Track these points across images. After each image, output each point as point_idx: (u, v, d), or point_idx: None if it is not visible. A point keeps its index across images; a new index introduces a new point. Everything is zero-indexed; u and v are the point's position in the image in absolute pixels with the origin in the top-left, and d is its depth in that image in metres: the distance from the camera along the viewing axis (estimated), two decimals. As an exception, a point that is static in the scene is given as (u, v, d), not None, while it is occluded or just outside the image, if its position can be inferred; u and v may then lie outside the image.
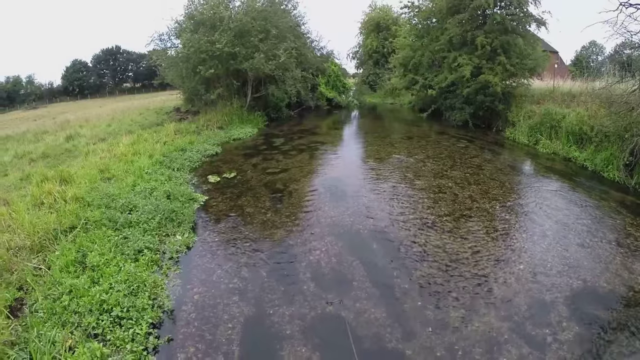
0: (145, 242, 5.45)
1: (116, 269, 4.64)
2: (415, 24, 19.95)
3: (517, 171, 9.83)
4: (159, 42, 19.40)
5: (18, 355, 3.28)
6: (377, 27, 33.90)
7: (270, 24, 16.91)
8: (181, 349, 3.65)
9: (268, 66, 16.46)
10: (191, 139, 13.23)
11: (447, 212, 6.79)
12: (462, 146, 12.37)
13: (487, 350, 3.52)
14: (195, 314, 4.16)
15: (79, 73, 64.35)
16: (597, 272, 4.86)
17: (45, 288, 4.25)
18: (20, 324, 3.70)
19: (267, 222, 6.66)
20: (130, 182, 7.94)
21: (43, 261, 4.86)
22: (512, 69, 14.85)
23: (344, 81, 28.37)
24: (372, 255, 5.43)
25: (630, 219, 6.43)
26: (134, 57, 68.59)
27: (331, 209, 7.17)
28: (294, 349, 3.61)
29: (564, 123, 11.22)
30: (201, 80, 17.19)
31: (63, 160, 11.05)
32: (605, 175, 8.83)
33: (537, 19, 15.24)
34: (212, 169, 10.34)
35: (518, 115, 14.05)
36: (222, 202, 7.72)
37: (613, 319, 4.00)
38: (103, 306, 3.96)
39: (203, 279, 4.87)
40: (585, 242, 5.63)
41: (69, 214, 6.01)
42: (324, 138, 15.25)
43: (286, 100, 19.99)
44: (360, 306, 4.24)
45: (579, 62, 42.92)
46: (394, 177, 9.16)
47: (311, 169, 10.29)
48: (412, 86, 20.07)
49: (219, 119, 16.88)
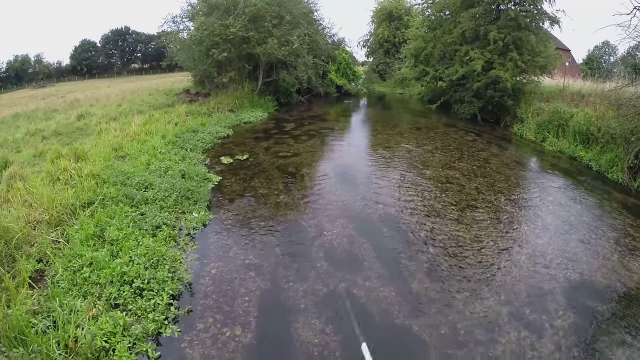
0: (162, 218, 5.65)
1: (135, 243, 4.81)
2: (428, 15, 19.86)
3: (523, 166, 9.98)
4: (172, 24, 19.42)
5: (41, 322, 3.39)
6: (389, 17, 33.68)
7: (285, 10, 16.94)
8: (200, 319, 3.86)
9: (281, 52, 16.54)
10: (202, 121, 13.42)
11: (454, 202, 7.00)
12: (470, 139, 12.50)
13: (488, 331, 3.75)
14: (213, 287, 4.39)
15: (87, 53, 64.43)
16: (595, 267, 5.05)
17: (65, 260, 4.40)
18: (41, 294, 3.83)
19: (280, 204, 6.89)
20: (145, 160, 8.14)
21: (61, 235, 5.04)
22: (523, 65, 14.85)
23: (354, 69, 28.29)
24: (382, 239, 5.67)
25: (631, 220, 6.59)
26: (142, 38, 68.45)
27: (342, 193, 7.40)
28: (308, 321, 3.85)
29: (572, 122, 11.31)
30: (213, 63, 17.29)
31: (75, 138, 11.27)
32: (609, 176, 8.96)
33: (551, 17, 15.19)
34: (224, 150, 10.55)
35: (527, 112, 14.12)
36: (235, 182, 7.94)
37: (607, 311, 4.20)
38: (124, 278, 4.12)
39: (220, 255, 5.11)
40: (585, 239, 5.82)
41: (86, 190, 6.20)
42: (334, 125, 15.41)
43: (296, 86, 20.08)
44: (370, 285, 4.48)
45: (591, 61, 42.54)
46: (402, 165, 9.37)
47: (322, 155, 10.50)
48: (423, 77, 20.05)
49: (230, 102, 17.04)
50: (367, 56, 39.10)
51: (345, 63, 26.62)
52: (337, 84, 25.56)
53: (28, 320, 3.35)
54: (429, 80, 19.19)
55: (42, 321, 3.43)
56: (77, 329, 3.37)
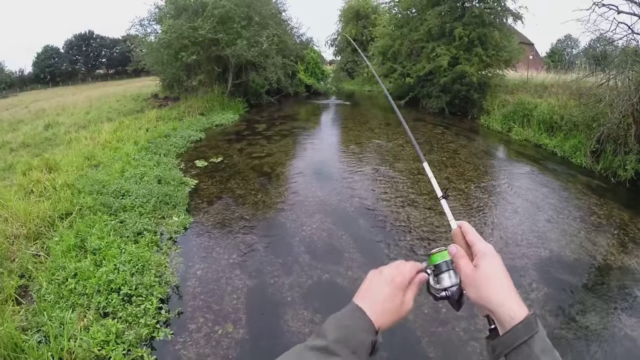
0: (143, 224, 5.62)
1: (118, 251, 4.76)
2: (395, 13, 20.32)
3: (491, 156, 10.43)
4: (139, 27, 19.06)
5: (33, 338, 3.32)
6: (357, 15, 34.11)
7: (253, 11, 16.97)
8: (191, 320, 3.90)
9: (250, 53, 16.54)
10: (174, 125, 13.30)
11: (427, 192, 7.27)
12: (439, 132, 12.92)
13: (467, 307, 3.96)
14: (200, 288, 4.44)
15: (50, 59, 61.89)
16: (563, 243, 5.41)
17: (48, 273, 4.32)
18: (28, 309, 3.77)
19: (258, 203, 6.98)
20: (119, 168, 8.03)
21: (42, 248, 4.94)
22: (488, 60, 15.48)
23: (322, 68, 28.57)
24: (360, 230, 5.86)
25: (595, 200, 7.04)
26: (107, 42, 66.36)
27: (318, 189, 7.57)
28: (297, 312, 3.98)
29: (536, 112, 11.90)
30: (182, 66, 17.10)
31: (44, 148, 10.96)
32: (573, 161, 9.48)
33: (514, 13, 15.93)
34: (198, 154, 10.51)
35: (492, 104, 14.72)
36: (212, 185, 7.96)
37: (577, 283, 4.53)
38: (111, 286, 4.07)
39: (203, 256, 5.16)
40: (552, 219, 6.20)
41: (63, 201, 6.09)
42: (305, 124, 15.61)
43: (266, 87, 20.07)
44: (352, 274, 4.66)
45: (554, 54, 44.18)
46: (375, 160, 9.65)
47: (295, 153, 10.66)
48: (391, 74, 20.47)
49: (200, 105, 16.91)
50: (335, 55, 39.52)
51: (313, 62, 26.85)
52: (306, 84, 25.75)
53: (19, 337, 3.29)
54: (397, 77, 19.61)
55: (33, 336, 3.37)
56: (70, 340, 3.34)
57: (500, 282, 0.76)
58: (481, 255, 0.81)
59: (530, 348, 0.67)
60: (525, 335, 0.68)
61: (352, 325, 0.74)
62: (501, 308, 0.72)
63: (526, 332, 0.68)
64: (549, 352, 0.67)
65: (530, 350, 0.67)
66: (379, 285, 0.82)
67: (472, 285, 0.78)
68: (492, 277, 0.77)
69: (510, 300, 0.73)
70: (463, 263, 0.82)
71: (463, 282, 0.81)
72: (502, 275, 0.77)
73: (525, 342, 0.67)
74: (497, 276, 0.77)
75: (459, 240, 0.87)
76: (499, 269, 0.78)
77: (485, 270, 0.78)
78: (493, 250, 0.82)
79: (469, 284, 0.79)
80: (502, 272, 0.78)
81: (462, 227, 0.89)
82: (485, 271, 0.78)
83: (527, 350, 0.67)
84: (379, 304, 0.78)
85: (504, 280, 0.76)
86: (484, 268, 0.78)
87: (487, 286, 0.76)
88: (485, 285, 0.76)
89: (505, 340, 0.70)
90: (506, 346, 0.70)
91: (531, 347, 0.67)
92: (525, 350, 0.67)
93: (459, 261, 0.83)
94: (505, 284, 0.76)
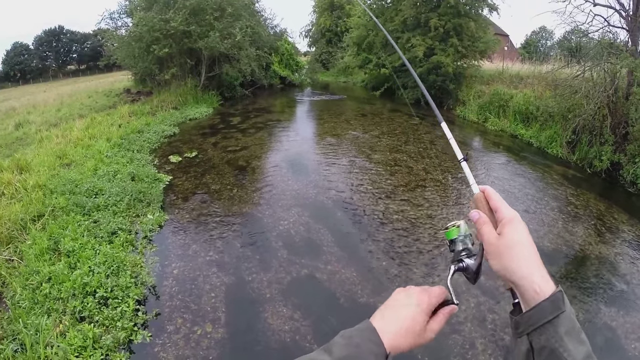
0: (117, 223, 5.50)
1: (92, 253, 4.65)
2: (370, 4, 20.28)
3: (467, 146, 10.59)
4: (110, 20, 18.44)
5: (8, 347, 3.24)
6: (331, 6, 33.95)
7: (226, 2, 16.61)
8: (169, 321, 3.83)
9: (223, 45, 16.23)
10: (147, 121, 12.96)
11: (404, 183, 7.33)
12: (415, 123, 13.02)
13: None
14: (177, 288, 4.37)
15: (20, 56, 59.14)
16: (542, 233, 5.53)
17: (22, 279, 4.20)
18: (2, 317, 3.66)
19: (234, 198, 6.90)
20: (91, 166, 7.79)
21: (14, 252, 4.79)
22: (464, 50, 15.67)
23: (297, 60, 28.36)
24: (338, 223, 5.87)
25: (572, 190, 7.23)
26: (78, 37, 63.76)
27: (294, 182, 7.54)
28: (276, 310, 3.95)
29: (512, 103, 12.11)
30: (154, 60, 16.67)
31: (15, 149, 10.58)
32: (549, 151, 9.69)
33: (490, 4, 16.17)
34: (172, 149, 10.30)
35: (468, 95, 14.91)
36: (187, 181, 7.82)
37: (556, 273, 4.64)
38: (86, 289, 3.98)
39: (180, 255, 5.07)
40: (530, 209, 6.34)
41: (35, 202, 5.90)
42: (280, 116, 15.51)
43: (240, 80, 19.79)
44: (331, 268, 4.66)
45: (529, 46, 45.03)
46: (351, 152, 9.65)
47: (271, 146, 10.58)
48: (366, 65, 20.53)
49: (173, 99, 16.53)
50: (309, 46, 39.34)
51: (288, 54, 26.61)
52: (280, 76, 25.49)
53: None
54: (372, 68, 19.68)
55: (8, 346, 3.26)
56: (46, 348, 3.25)
57: (526, 251, 0.70)
58: (506, 222, 0.74)
59: (555, 328, 0.62)
60: (550, 314, 0.63)
61: (361, 345, 0.68)
62: (526, 281, 0.67)
63: (552, 311, 0.63)
64: (575, 334, 0.62)
65: (555, 331, 0.62)
66: (402, 304, 0.77)
67: (496, 254, 0.72)
68: (518, 246, 0.70)
69: (537, 273, 0.67)
70: (486, 230, 0.75)
71: (486, 251, 0.75)
72: (529, 244, 0.71)
73: (550, 322, 0.63)
74: (523, 245, 0.71)
75: (483, 206, 0.80)
76: (525, 238, 0.71)
77: (511, 238, 0.71)
78: (519, 216, 0.75)
79: (492, 253, 0.73)
80: (529, 241, 0.71)
81: (485, 192, 0.81)
82: (510, 239, 0.71)
83: (551, 330, 0.62)
84: (397, 324, 0.73)
85: (531, 250, 0.70)
86: (510, 235, 0.72)
87: (512, 256, 0.70)
88: (510, 254, 0.70)
89: (528, 317, 0.66)
90: (529, 325, 0.65)
91: (556, 328, 0.62)
92: (549, 330, 0.63)
93: (481, 228, 0.76)
94: (531, 254, 0.70)
